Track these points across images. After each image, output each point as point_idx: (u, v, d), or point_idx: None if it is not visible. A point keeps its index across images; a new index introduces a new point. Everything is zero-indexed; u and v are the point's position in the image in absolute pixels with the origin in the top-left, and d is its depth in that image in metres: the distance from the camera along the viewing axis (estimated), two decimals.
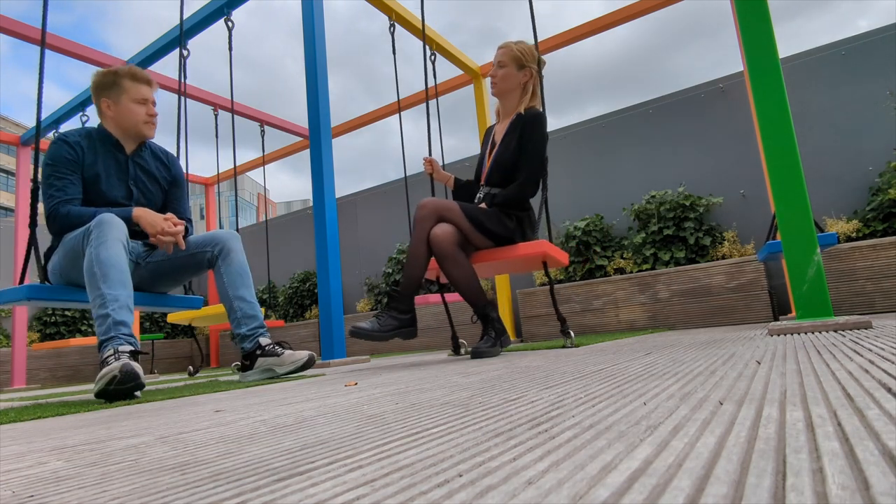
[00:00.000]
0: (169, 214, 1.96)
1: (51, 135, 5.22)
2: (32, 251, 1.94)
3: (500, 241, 2.16)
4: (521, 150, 2.22)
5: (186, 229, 2.01)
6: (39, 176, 1.95)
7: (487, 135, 2.49)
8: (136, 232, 1.94)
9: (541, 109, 2.32)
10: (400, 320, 2.04)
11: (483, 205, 2.25)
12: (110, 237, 1.73)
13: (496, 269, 2.44)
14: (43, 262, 1.96)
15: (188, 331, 6.46)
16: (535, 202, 2.40)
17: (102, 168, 1.99)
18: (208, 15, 3.92)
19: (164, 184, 2.18)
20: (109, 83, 2.03)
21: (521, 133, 2.23)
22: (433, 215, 2.08)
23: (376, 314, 2.06)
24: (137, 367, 1.53)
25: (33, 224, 1.98)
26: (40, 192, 1.93)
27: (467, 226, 2.10)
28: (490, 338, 2.08)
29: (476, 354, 2.00)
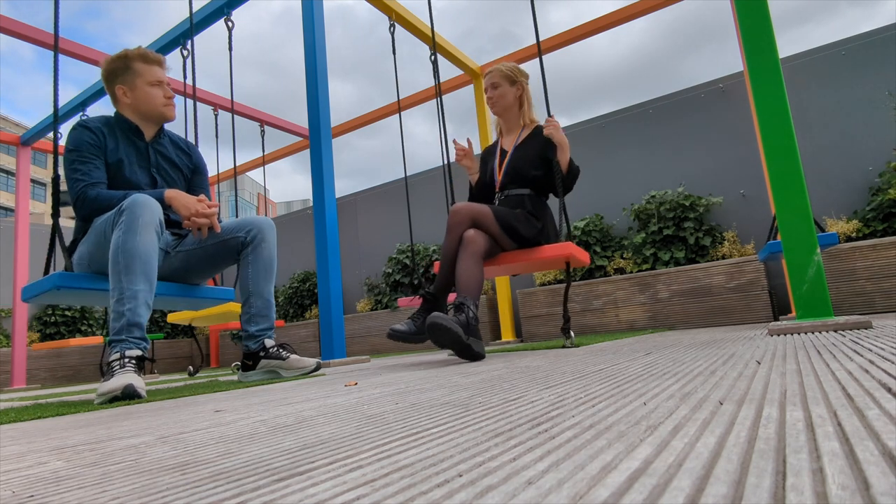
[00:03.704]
0: (202, 196, 1.89)
1: (50, 134, 5.22)
2: (57, 241, 1.88)
3: (528, 244, 2.20)
4: (541, 161, 2.28)
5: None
6: (60, 166, 1.91)
7: (491, 150, 2.52)
8: (166, 220, 1.86)
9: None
10: None
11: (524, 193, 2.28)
12: (140, 222, 1.65)
13: (520, 268, 2.47)
14: (68, 254, 1.89)
15: (188, 331, 6.46)
16: (553, 206, 2.41)
17: (124, 154, 1.93)
18: (208, 15, 3.92)
19: (185, 171, 2.13)
20: (122, 68, 1.96)
21: (545, 146, 2.28)
22: (467, 221, 2.09)
23: (410, 316, 2.05)
24: (140, 384, 1.51)
25: (56, 214, 1.92)
26: (64, 181, 1.86)
27: (497, 231, 2.12)
28: (457, 317, 1.81)
29: (432, 324, 1.70)
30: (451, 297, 2.52)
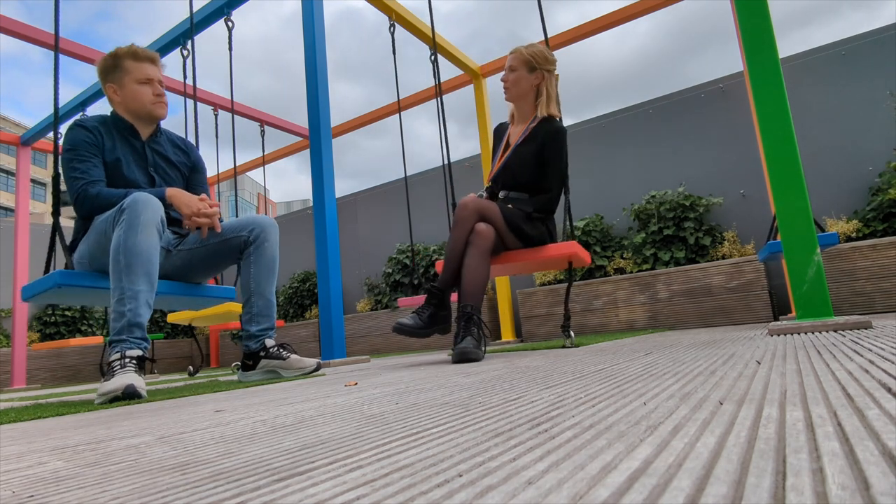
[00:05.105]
0: (203, 195, 1.88)
1: (50, 134, 5.22)
2: (57, 240, 1.87)
3: (532, 243, 2.21)
4: (538, 163, 2.22)
5: None
6: (59, 164, 1.88)
7: (500, 133, 2.44)
8: (167, 219, 1.85)
9: (560, 119, 2.31)
10: (439, 316, 2.09)
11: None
12: (142, 220, 1.63)
13: (523, 268, 2.47)
14: (69, 252, 1.87)
15: (188, 331, 6.46)
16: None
17: (122, 154, 1.92)
18: (208, 15, 3.92)
19: (184, 170, 2.11)
20: (111, 67, 1.95)
21: (542, 148, 2.21)
22: (475, 215, 2.10)
23: (416, 310, 2.07)
24: (140, 384, 1.51)
25: (56, 213, 1.91)
26: (63, 180, 1.85)
27: (504, 228, 2.13)
28: (474, 339, 1.94)
29: (463, 355, 1.85)
30: (453, 297, 2.50)
